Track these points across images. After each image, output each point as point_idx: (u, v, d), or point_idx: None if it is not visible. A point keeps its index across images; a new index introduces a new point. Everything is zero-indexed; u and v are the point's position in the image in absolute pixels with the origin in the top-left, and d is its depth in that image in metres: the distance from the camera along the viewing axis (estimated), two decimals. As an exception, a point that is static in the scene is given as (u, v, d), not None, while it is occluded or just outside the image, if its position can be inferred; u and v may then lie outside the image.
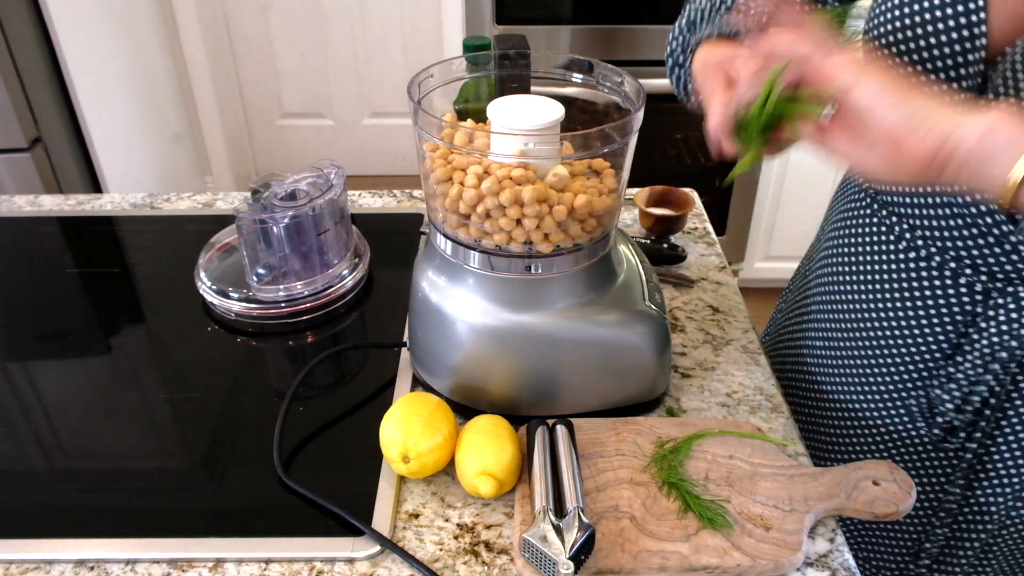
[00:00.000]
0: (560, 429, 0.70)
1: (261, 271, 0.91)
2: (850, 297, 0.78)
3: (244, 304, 0.90)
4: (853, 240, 0.77)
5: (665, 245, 1.01)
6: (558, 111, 0.70)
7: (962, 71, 0.61)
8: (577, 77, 0.78)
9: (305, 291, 0.91)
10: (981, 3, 0.59)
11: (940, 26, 0.61)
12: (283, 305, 0.90)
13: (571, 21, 2.01)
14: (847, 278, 0.78)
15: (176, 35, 2.67)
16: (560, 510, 0.63)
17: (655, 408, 0.80)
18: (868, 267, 0.75)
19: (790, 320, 0.93)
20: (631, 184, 0.85)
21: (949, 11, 0.60)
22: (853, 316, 0.78)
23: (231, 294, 0.91)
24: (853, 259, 0.77)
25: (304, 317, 0.92)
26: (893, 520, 0.78)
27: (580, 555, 0.60)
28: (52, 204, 1.16)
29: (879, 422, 0.78)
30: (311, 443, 0.76)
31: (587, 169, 0.72)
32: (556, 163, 0.68)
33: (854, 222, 0.77)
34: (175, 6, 2.62)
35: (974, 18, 0.60)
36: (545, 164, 0.68)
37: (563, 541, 0.59)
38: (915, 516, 0.80)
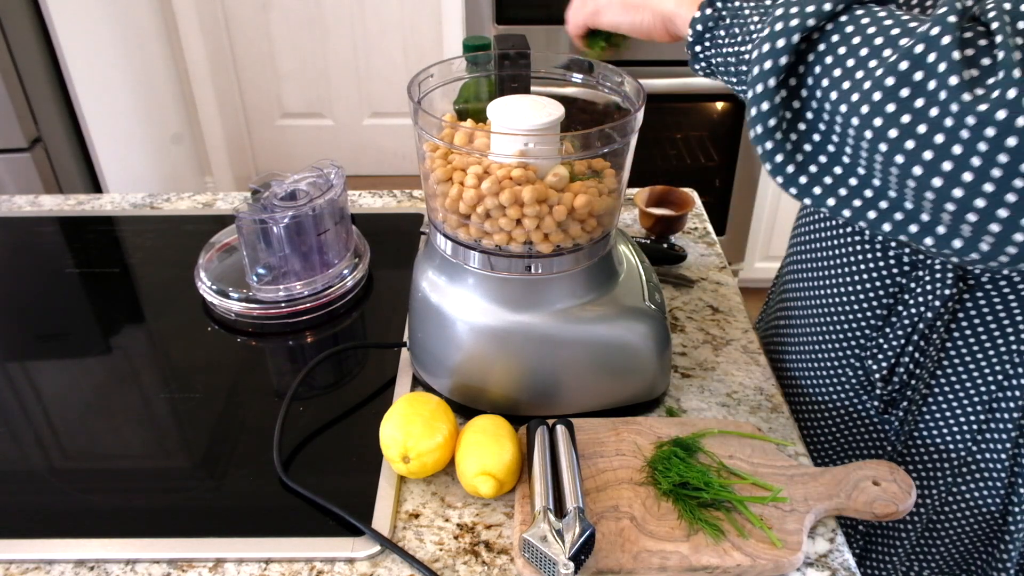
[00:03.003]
0: (560, 429, 0.70)
1: (261, 271, 0.91)
2: (806, 275, 0.82)
3: (244, 304, 0.90)
4: (811, 223, 0.81)
5: (665, 245, 1.01)
6: (558, 111, 0.70)
7: None
8: (577, 77, 0.78)
9: (305, 291, 0.91)
10: None
11: None
12: (283, 305, 0.90)
13: (571, 21, 2.01)
14: (806, 256, 0.82)
15: (176, 35, 2.67)
16: (560, 510, 0.63)
17: (655, 408, 0.80)
18: (819, 244, 0.79)
19: (769, 311, 0.96)
20: (631, 184, 0.85)
21: None
22: (808, 294, 0.81)
23: (231, 294, 0.91)
24: (810, 239, 0.81)
25: (304, 317, 0.92)
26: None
27: (580, 555, 0.60)
28: (52, 204, 1.16)
29: (829, 397, 0.81)
30: (311, 443, 0.76)
31: (587, 169, 0.72)
32: (556, 163, 0.68)
33: (814, 212, 0.81)
34: (175, 6, 2.62)
35: None
36: (545, 164, 0.68)
37: (563, 541, 0.59)
38: None
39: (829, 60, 0.52)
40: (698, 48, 0.64)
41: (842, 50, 0.51)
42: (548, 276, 0.71)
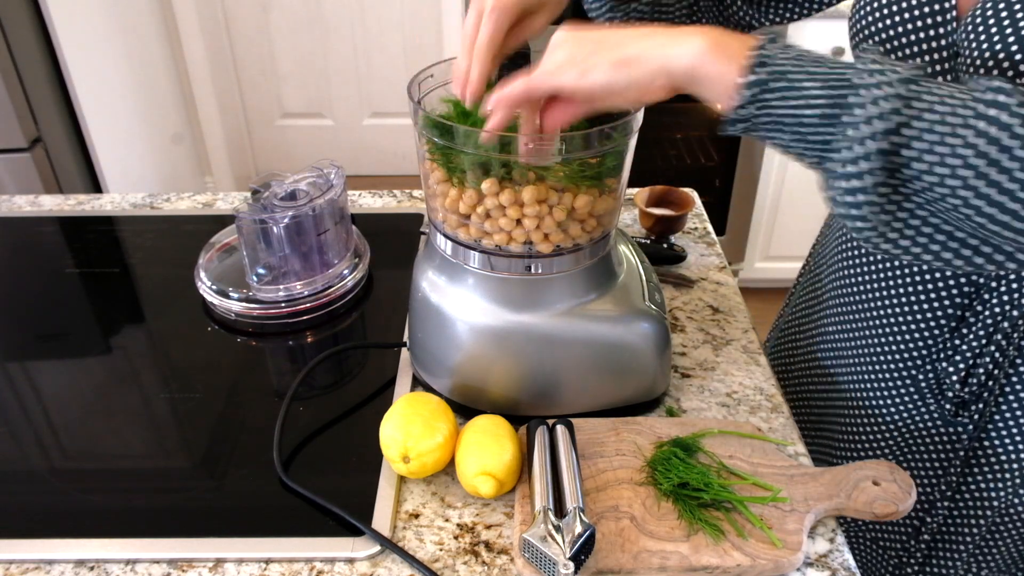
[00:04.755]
0: (560, 429, 0.70)
1: (261, 271, 0.91)
2: (862, 279, 0.79)
3: (244, 304, 0.90)
4: None
5: (665, 245, 1.01)
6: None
7: (938, 40, 0.65)
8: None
9: (305, 291, 0.91)
10: None
11: (913, 1, 0.65)
12: (283, 305, 0.90)
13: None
14: (859, 260, 0.79)
15: (176, 35, 2.67)
16: (560, 510, 0.63)
17: (655, 408, 0.80)
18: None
19: (799, 314, 0.94)
20: (631, 184, 0.85)
21: None
22: (865, 297, 0.79)
23: (231, 294, 0.91)
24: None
25: (304, 317, 0.92)
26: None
27: (580, 555, 0.60)
28: (52, 204, 1.16)
29: (888, 404, 0.79)
30: (311, 443, 0.76)
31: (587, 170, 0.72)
32: (556, 163, 0.68)
33: None
34: (175, 6, 2.62)
35: None
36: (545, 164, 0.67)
37: (563, 541, 0.59)
38: (926, 474, 0.81)
39: (924, 141, 0.51)
40: (744, 111, 0.57)
41: (931, 131, 0.51)
42: (548, 276, 0.71)
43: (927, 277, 0.72)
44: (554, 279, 0.71)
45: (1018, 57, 0.57)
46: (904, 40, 0.66)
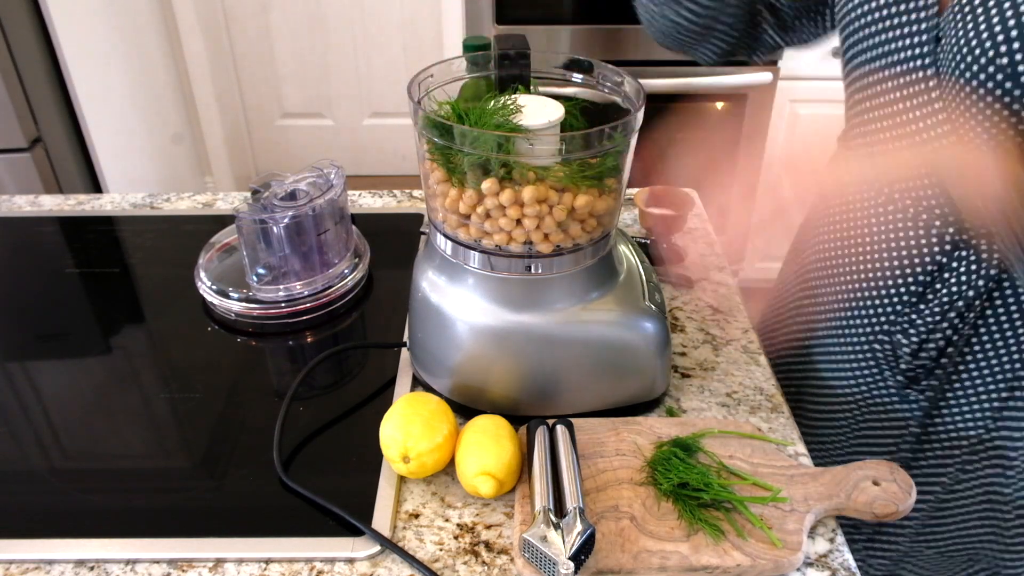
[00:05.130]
0: (560, 429, 0.70)
1: (261, 271, 0.91)
2: (838, 253, 0.82)
3: (244, 304, 0.90)
4: (849, 203, 0.81)
5: (665, 245, 1.01)
6: (558, 111, 0.70)
7: (919, 25, 0.67)
8: (577, 77, 0.78)
9: (305, 291, 0.91)
10: None
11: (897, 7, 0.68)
12: (283, 305, 0.90)
13: (571, 21, 2.01)
14: (838, 235, 0.82)
15: (176, 35, 2.67)
16: (560, 510, 0.63)
17: (655, 408, 0.80)
18: (854, 223, 0.79)
19: (782, 297, 0.97)
20: (631, 184, 0.85)
21: None
22: (840, 271, 0.82)
23: (231, 294, 0.91)
24: (843, 218, 0.81)
25: (304, 317, 0.92)
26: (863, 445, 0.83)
27: (580, 555, 0.60)
28: (52, 204, 1.16)
29: (848, 375, 0.82)
30: (311, 443, 0.76)
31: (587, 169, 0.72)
32: (556, 163, 0.68)
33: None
34: (175, 6, 2.62)
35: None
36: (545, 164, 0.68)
37: (563, 541, 0.59)
38: (882, 451, 0.84)
39: None
40: None
41: None
42: (548, 276, 0.71)
43: (894, 255, 0.75)
44: (554, 279, 0.71)
45: (1002, 48, 0.59)
46: (887, 24, 0.69)
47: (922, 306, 0.74)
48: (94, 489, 0.72)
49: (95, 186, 2.05)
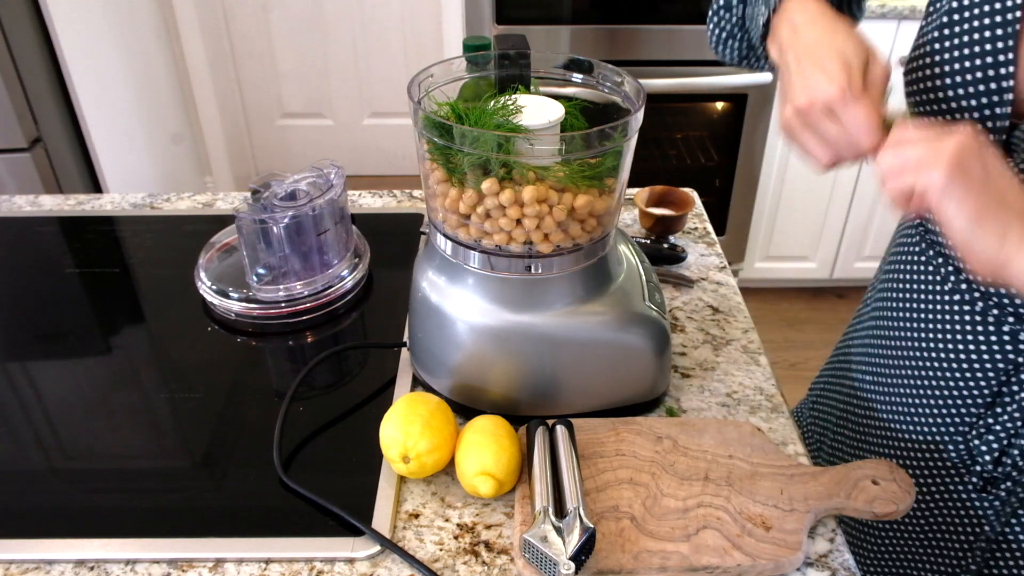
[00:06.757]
0: (560, 429, 0.70)
1: (261, 271, 0.91)
2: (899, 334, 0.76)
3: (244, 304, 0.90)
4: (905, 278, 0.76)
5: (665, 245, 1.01)
6: (558, 111, 0.70)
7: (988, 124, 0.62)
8: (577, 77, 0.78)
9: (305, 291, 0.91)
10: (1011, 56, 0.60)
11: (968, 76, 0.62)
12: (283, 305, 0.90)
13: (571, 21, 2.01)
14: (898, 314, 0.76)
15: (176, 35, 2.67)
16: (560, 510, 0.63)
17: (655, 408, 0.80)
18: (916, 306, 0.74)
19: (837, 364, 0.91)
20: (631, 184, 0.85)
21: (978, 61, 0.62)
22: (900, 355, 0.76)
23: (231, 294, 0.91)
24: (904, 296, 0.76)
25: (304, 317, 0.92)
26: (928, 547, 0.77)
27: (580, 555, 0.60)
28: (52, 204, 1.16)
29: (921, 470, 0.77)
30: (311, 443, 0.76)
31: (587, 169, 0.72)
32: (556, 163, 0.68)
33: (907, 259, 0.76)
34: (175, 6, 2.62)
35: (1003, 71, 0.61)
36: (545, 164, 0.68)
37: (563, 541, 0.59)
38: (951, 548, 0.78)
39: None
40: None
41: None
42: (548, 276, 0.71)
43: (961, 350, 0.69)
44: (554, 279, 0.71)
45: None
46: (952, 105, 0.64)
47: (999, 409, 0.68)
48: (94, 489, 0.72)
49: (95, 186, 2.05)
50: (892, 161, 0.55)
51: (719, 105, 2.16)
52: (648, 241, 1.03)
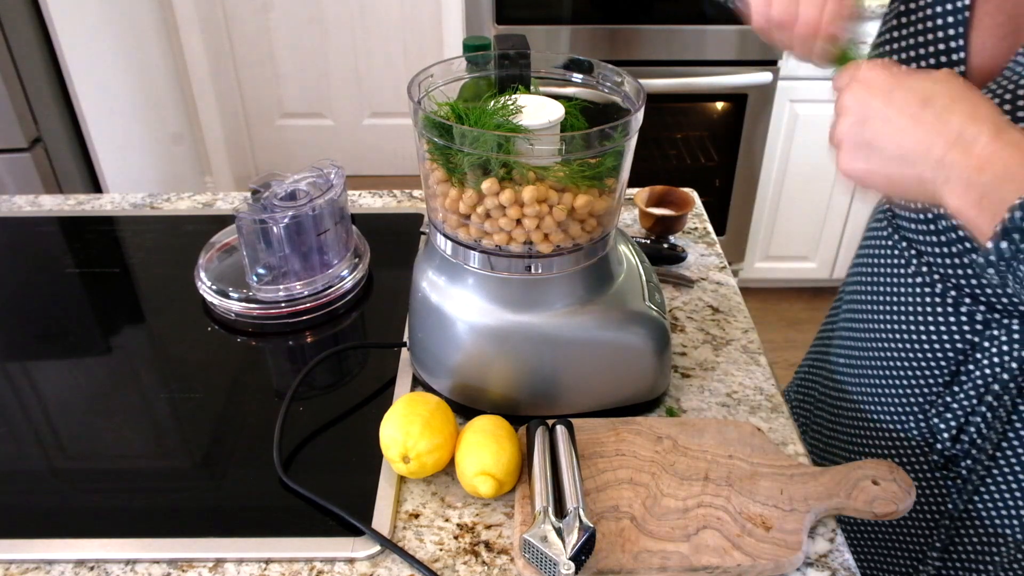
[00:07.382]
0: (560, 429, 0.70)
1: (261, 271, 0.91)
2: (869, 316, 0.79)
3: (244, 304, 0.90)
4: (875, 262, 0.79)
5: (665, 245, 1.01)
6: (558, 111, 0.70)
7: None
8: (577, 77, 0.78)
9: (305, 291, 0.91)
10: (962, 43, 0.63)
11: (923, 64, 0.66)
12: (283, 305, 0.90)
13: (571, 21, 2.01)
14: (868, 297, 0.79)
15: (176, 35, 2.67)
16: (560, 510, 0.63)
17: (655, 408, 0.80)
18: (884, 288, 0.77)
19: (819, 347, 0.94)
20: (631, 184, 0.85)
21: (931, 48, 0.65)
22: (870, 337, 0.79)
23: (231, 294, 0.91)
24: (873, 279, 0.79)
25: (304, 317, 0.92)
26: (894, 526, 0.79)
27: (580, 555, 0.60)
28: (52, 204, 1.16)
29: (887, 449, 0.79)
30: (311, 443, 0.76)
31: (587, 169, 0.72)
32: (556, 163, 0.68)
33: (876, 244, 0.79)
34: (175, 6, 2.62)
35: (955, 57, 0.64)
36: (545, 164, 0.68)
37: (563, 541, 0.59)
38: (916, 526, 0.80)
39: None
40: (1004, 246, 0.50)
41: None
42: (548, 276, 0.71)
43: (923, 331, 0.72)
44: (554, 279, 0.71)
45: None
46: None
47: (955, 388, 0.71)
48: (94, 489, 0.72)
49: (95, 186, 2.05)
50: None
51: (719, 105, 2.16)
52: (648, 241, 1.03)
